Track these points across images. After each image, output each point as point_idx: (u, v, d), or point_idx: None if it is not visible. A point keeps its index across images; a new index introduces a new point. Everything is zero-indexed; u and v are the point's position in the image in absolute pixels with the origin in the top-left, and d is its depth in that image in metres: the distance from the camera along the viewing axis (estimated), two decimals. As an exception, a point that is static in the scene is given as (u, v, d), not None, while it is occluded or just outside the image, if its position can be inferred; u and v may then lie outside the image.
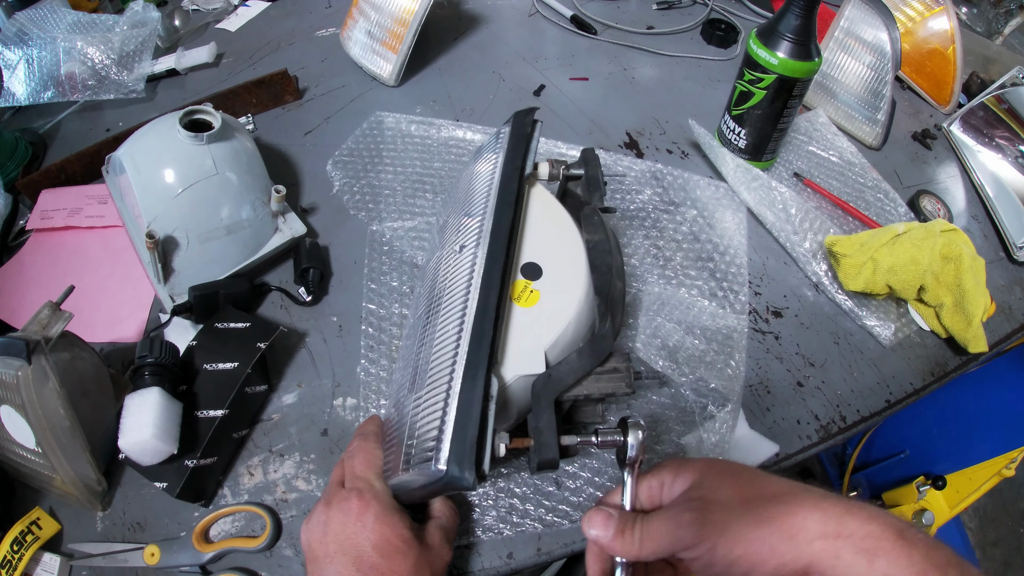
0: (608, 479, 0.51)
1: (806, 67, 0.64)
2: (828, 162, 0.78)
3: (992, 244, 0.73)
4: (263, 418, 0.54)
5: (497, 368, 0.39)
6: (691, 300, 0.62)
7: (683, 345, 0.58)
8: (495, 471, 0.51)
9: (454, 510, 0.45)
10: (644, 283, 0.63)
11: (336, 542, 0.38)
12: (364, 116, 0.78)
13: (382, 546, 0.37)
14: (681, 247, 0.67)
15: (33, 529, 0.46)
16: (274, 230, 0.63)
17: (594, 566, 0.37)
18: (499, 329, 0.40)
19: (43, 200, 0.67)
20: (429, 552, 0.39)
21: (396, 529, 0.38)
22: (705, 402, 0.55)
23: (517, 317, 0.42)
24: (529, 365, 0.40)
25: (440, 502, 0.44)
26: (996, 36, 1.01)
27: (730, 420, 0.53)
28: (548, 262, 0.45)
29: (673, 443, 0.53)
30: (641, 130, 0.80)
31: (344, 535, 0.38)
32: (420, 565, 0.37)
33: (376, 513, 0.38)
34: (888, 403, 0.58)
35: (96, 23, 0.83)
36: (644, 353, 0.58)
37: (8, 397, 0.43)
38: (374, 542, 0.37)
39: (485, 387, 0.36)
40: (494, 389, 0.37)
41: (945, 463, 1.17)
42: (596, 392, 0.42)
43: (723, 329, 0.60)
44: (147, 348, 0.48)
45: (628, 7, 1.02)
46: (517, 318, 0.42)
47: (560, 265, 0.45)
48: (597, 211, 0.51)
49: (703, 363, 0.57)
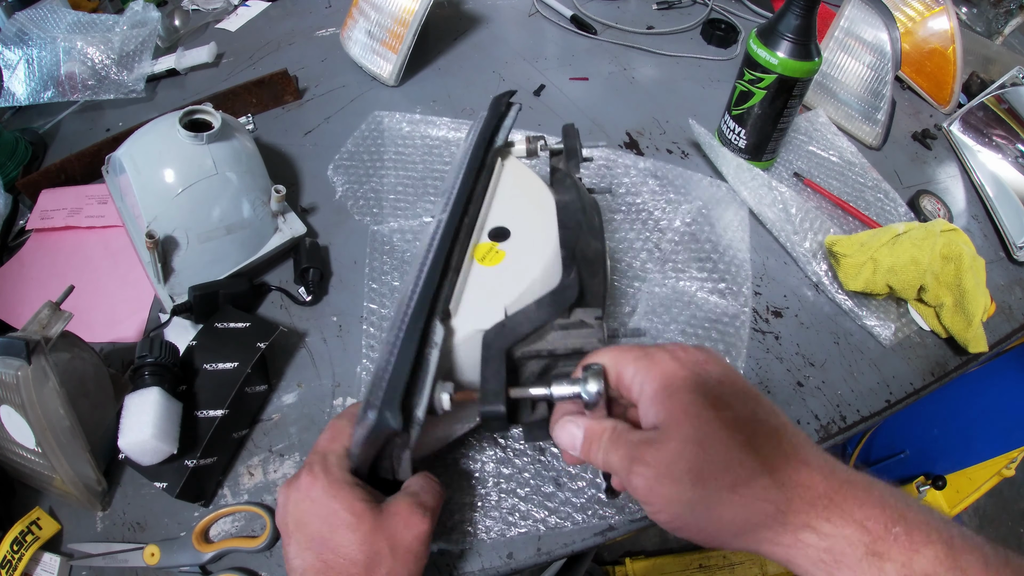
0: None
1: (806, 67, 0.64)
2: (828, 162, 0.78)
3: (992, 244, 0.73)
4: (263, 418, 0.54)
5: (450, 321, 0.39)
6: (692, 299, 0.62)
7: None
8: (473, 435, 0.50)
9: (431, 481, 0.41)
10: (645, 282, 0.63)
11: (293, 519, 0.37)
12: (364, 116, 0.78)
13: (330, 519, 0.36)
14: (682, 246, 0.67)
15: (33, 529, 0.46)
16: (274, 230, 0.63)
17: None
18: (447, 279, 0.40)
19: (43, 200, 0.67)
20: (390, 522, 0.36)
21: (345, 502, 0.36)
22: None
23: (478, 275, 0.42)
24: (486, 320, 0.39)
25: (418, 476, 0.41)
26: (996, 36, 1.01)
27: None
28: (517, 225, 0.45)
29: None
30: (641, 130, 0.80)
31: (298, 512, 0.37)
32: (374, 538, 0.36)
33: (323, 486, 0.37)
34: (888, 403, 0.58)
35: (96, 23, 0.83)
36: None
37: (8, 397, 0.43)
38: (322, 516, 0.36)
39: (424, 332, 0.36)
40: (437, 336, 0.37)
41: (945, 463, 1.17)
42: (562, 348, 0.38)
43: (725, 328, 0.60)
44: (147, 348, 0.48)
45: (628, 7, 1.02)
46: (478, 276, 0.42)
47: (529, 228, 0.45)
48: (571, 175, 0.51)
49: None
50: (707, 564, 1.22)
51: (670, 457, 0.29)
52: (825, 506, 0.27)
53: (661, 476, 0.29)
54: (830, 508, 0.27)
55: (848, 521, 0.27)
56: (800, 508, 0.27)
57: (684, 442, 0.29)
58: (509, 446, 0.52)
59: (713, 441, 0.28)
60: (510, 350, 0.38)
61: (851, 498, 0.27)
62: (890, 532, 0.26)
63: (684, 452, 0.29)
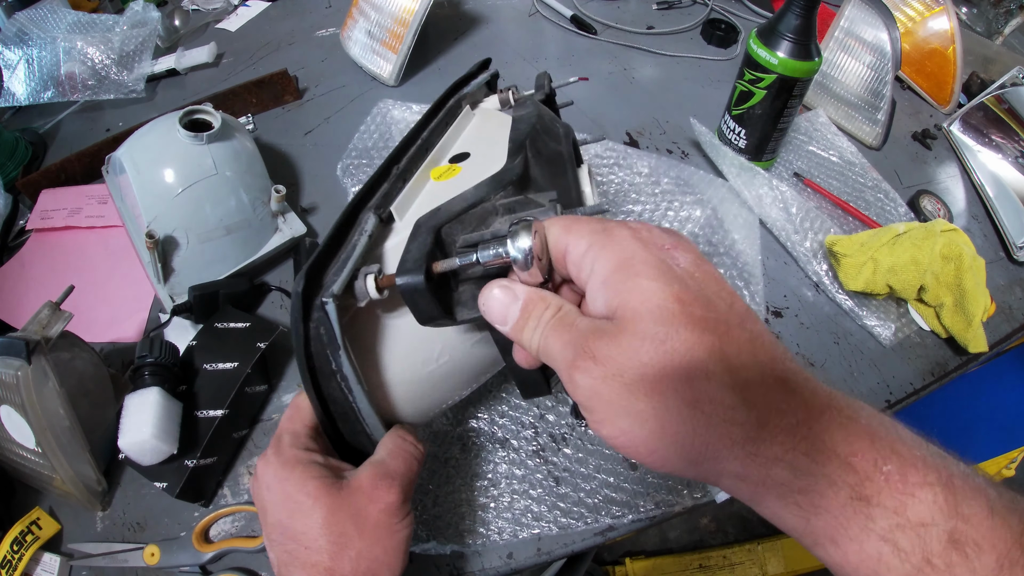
0: (624, 478, 0.51)
1: (806, 67, 0.64)
2: (828, 162, 0.78)
3: (992, 244, 0.73)
4: (263, 418, 0.54)
5: (394, 224, 0.39)
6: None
7: None
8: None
9: (402, 440, 0.36)
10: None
11: (259, 510, 0.35)
12: (364, 116, 0.78)
13: (287, 505, 0.33)
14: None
15: (33, 529, 0.46)
16: (274, 230, 0.63)
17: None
18: (390, 184, 0.39)
19: (43, 200, 0.67)
20: (352, 499, 0.33)
21: (297, 483, 0.33)
22: None
23: (431, 189, 0.41)
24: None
25: (388, 436, 0.36)
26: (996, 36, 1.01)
27: None
28: (477, 149, 0.45)
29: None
30: (641, 130, 0.80)
31: (260, 502, 0.35)
32: (335, 518, 0.32)
33: (275, 470, 0.34)
34: (888, 403, 0.58)
35: (96, 23, 0.83)
36: None
37: (8, 397, 0.43)
38: (278, 502, 0.34)
39: (349, 219, 0.36)
40: (367, 225, 0.36)
41: (945, 463, 1.17)
42: (505, 229, 0.33)
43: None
44: (147, 348, 0.48)
45: (628, 7, 1.02)
46: (431, 190, 0.41)
47: (488, 147, 0.44)
48: (531, 99, 0.50)
49: None
50: (707, 564, 1.22)
51: (622, 355, 0.23)
52: (804, 436, 0.22)
53: (609, 377, 0.23)
54: (809, 439, 0.22)
55: (830, 456, 0.22)
56: (773, 436, 0.22)
57: (640, 339, 0.23)
58: (521, 447, 0.52)
59: (675, 342, 0.23)
60: (441, 229, 0.33)
61: (835, 427, 0.22)
62: (880, 471, 0.21)
63: (639, 351, 0.23)
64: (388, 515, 0.33)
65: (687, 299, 0.24)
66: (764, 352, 0.24)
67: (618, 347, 0.24)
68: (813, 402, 0.23)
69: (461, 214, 0.34)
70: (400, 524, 0.34)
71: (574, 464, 0.52)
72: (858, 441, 0.22)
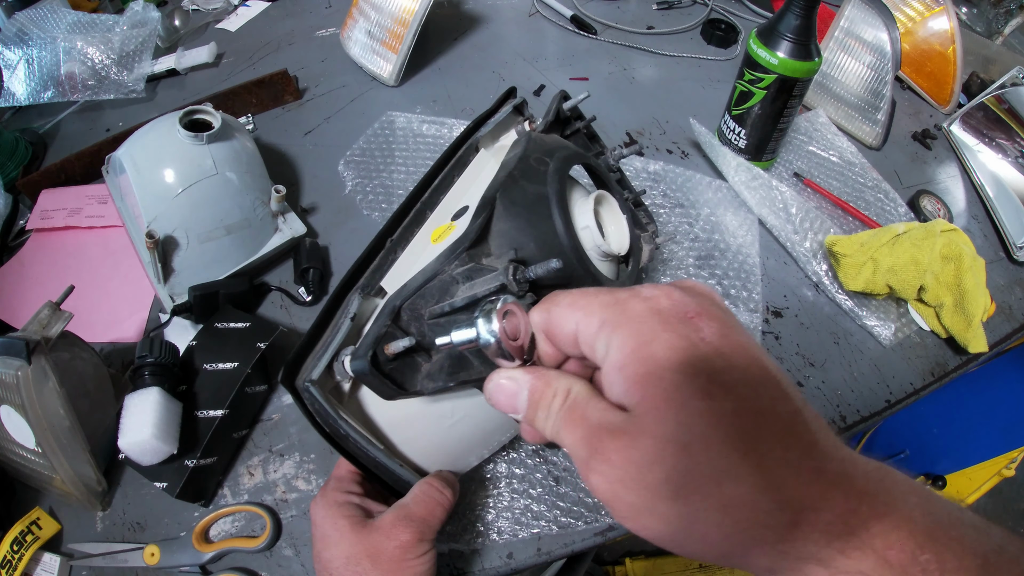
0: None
1: (806, 67, 0.64)
2: (828, 162, 0.78)
3: (992, 244, 0.73)
4: (263, 418, 0.54)
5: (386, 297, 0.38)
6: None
7: None
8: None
9: (430, 487, 0.40)
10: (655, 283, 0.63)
11: (313, 542, 0.41)
12: (364, 116, 0.78)
13: (324, 538, 0.39)
14: (687, 247, 0.67)
15: (33, 529, 0.46)
16: (274, 230, 0.63)
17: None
18: (384, 257, 0.40)
19: (43, 200, 0.67)
20: (372, 536, 0.38)
21: (332, 520, 0.39)
22: None
23: (430, 255, 0.36)
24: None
25: (419, 484, 0.40)
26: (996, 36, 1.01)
27: None
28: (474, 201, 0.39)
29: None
30: (641, 130, 0.80)
31: (312, 534, 0.41)
32: (355, 551, 0.37)
33: (318, 510, 0.40)
34: (888, 403, 0.58)
35: (96, 23, 0.83)
36: None
37: (8, 397, 0.43)
38: (318, 536, 0.40)
39: (335, 303, 0.37)
40: (352, 307, 0.38)
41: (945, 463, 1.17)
42: (461, 300, 0.32)
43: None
44: (147, 348, 0.48)
45: (628, 7, 1.02)
46: (431, 253, 0.37)
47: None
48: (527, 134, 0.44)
49: None
50: (707, 564, 1.22)
51: (643, 459, 0.22)
52: (839, 534, 0.21)
53: (629, 481, 0.22)
54: (845, 537, 0.21)
55: (867, 553, 0.21)
56: (807, 536, 0.21)
57: (663, 442, 0.22)
58: (521, 447, 0.52)
59: (702, 445, 0.21)
60: (402, 307, 0.34)
61: (872, 519, 0.21)
62: (917, 562, 0.20)
63: (662, 456, 0.22)
64: (402, 551, 0.37)
65: (715, 391, 0.22)
66: (799, 440, 0.22)
67: (637, 450, 0.22)
68: (851, 492, 0.21)
69: (419, 289, 0.34)
70: (415, 561, 0.38)
71: (564, 460, 0.52)
72: (895, 532, 0.21)
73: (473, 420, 0.40)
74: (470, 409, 0.39)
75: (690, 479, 0.21)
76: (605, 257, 0.38)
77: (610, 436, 0.23)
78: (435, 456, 0.42)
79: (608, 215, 0.39)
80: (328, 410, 0.35)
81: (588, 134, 0.50)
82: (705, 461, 0.21)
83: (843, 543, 0.21)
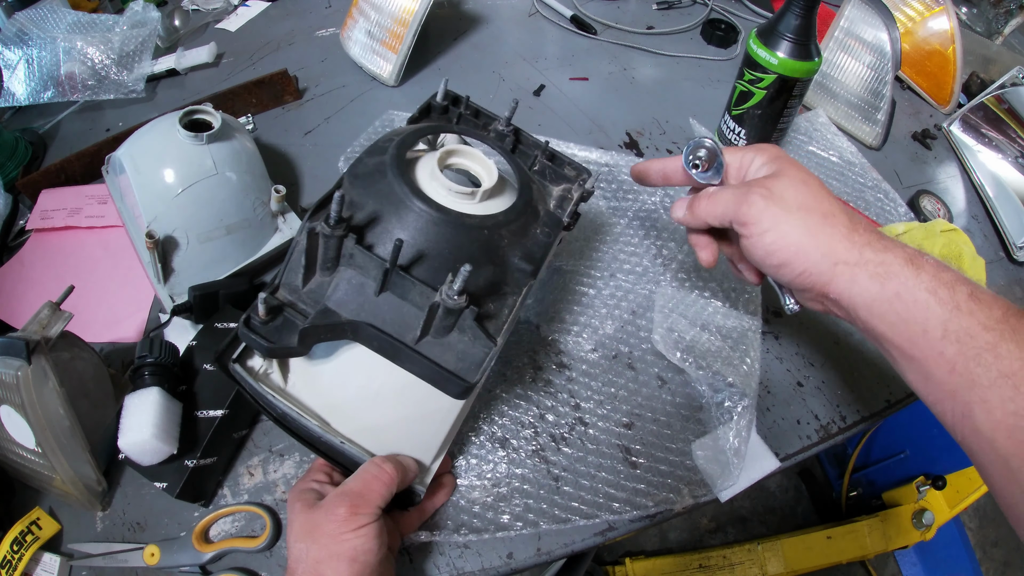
0: (624, 477, 0.51)
1: (806, 67, 0.64)
2: (828, 162, 0.78)
3: (992, 244, 0.73)
4: (263, 418, 0.54)
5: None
6: (704, 301, 0.62)
7: (699, 340, 0.58)
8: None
9: (373, 465, 0.42)
10: (657, 284, 0.63)
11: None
12: (364, 116, 0.78)
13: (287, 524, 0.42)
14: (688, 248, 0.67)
15: (33, 529, 0.46)
16: (274, 230, 0.63)
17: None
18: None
19: (43, 200, 0.67)
20: (314, 515, 0.40)
21: (289, 505, 0.42)
22: (722, 397, 0.55)
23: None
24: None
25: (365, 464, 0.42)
26: (996, 36, 1.01)
27: (748, 416, 0.53)
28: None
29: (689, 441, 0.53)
30: (641, 130, 0.80)
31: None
32: (302, 531, 0.40)
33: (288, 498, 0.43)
34: (888, 403, 0.58)
35: (96, 23, 0.83)
36: (663, 346, 0.58)
37: (8, 397, 0.43)
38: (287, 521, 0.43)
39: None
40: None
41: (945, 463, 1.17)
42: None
43: (737, 328, 0.60)
44: (147, 348, 0.48)
45: (628, 7, 1.02)
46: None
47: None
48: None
49: (719, 358, 0.57)
50: (707, 564, 1.22)
51: (785, 189, 0.39)
52: (873, 231, 0.38)
53: (776, 197, 0.38)
54: (875, 233, 0.38)
55: (890, 241, 0.37)
56: (858, 231, 0.37)
57: (794, 180, 0.39)
58: (521, 447, 0.52)
59: (813, 185, 0.39)
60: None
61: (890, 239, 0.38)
62: (922, 256, 0.36)
63: (794, 185, 0.39)
64: (337, 525, 0.39)
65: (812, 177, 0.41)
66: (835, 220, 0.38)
67: (781, 185, 0.39)
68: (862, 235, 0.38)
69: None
70: (350, 534, 0.39)
71: (574, 463, 0.52)
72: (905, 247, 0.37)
73: (393, 387, 0.42)
74: (386, 377, 0.41)
75: (808, 200, 0.39)
76: (473, 194, 0.42)
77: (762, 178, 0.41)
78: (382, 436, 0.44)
79: (468, 162, 0.46)
80: (251, 383, 0.43)
81: (473, 112, 0.54)
82: (815, 193, 0.39)
83: (876, 237, 0.37)
